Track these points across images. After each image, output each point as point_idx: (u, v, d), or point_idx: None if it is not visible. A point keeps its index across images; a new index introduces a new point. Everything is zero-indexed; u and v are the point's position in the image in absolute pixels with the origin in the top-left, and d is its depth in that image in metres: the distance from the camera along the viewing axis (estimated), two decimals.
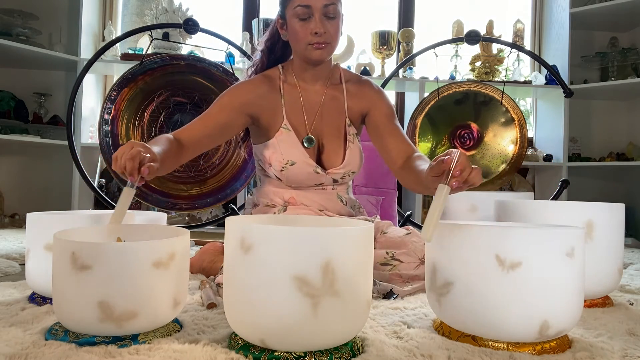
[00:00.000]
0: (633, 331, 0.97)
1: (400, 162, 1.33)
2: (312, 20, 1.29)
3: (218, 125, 1.34)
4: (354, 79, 1.49)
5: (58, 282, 0.82)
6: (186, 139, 1.28)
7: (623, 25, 3.28)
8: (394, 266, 1.29)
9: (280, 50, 1.48)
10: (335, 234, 0.74)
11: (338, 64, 1.50)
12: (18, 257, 1.72)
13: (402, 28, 3.32)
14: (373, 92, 1.47)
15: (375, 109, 1.44)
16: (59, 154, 2.95)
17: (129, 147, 0.97)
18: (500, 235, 0.82)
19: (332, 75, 1.46)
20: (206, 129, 1.32)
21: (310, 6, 1.28)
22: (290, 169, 1.37)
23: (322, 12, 1.29)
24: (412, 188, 1.30)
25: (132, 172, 0.95)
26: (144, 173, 0.95)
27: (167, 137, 1.23)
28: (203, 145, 1.34)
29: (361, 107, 1.46)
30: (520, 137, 2.60)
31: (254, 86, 1.40)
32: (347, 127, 1.44)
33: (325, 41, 1.31)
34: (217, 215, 2.83)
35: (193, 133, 1.30)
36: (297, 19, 1.30)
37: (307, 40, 1.31)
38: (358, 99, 1.45)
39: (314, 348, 0.76)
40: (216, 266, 1.44)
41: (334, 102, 1.44)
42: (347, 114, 1.44)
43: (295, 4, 1.29)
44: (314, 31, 1.29)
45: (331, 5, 1.29)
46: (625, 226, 1.41)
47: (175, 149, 1.22)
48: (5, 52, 2.78)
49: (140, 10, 3.14)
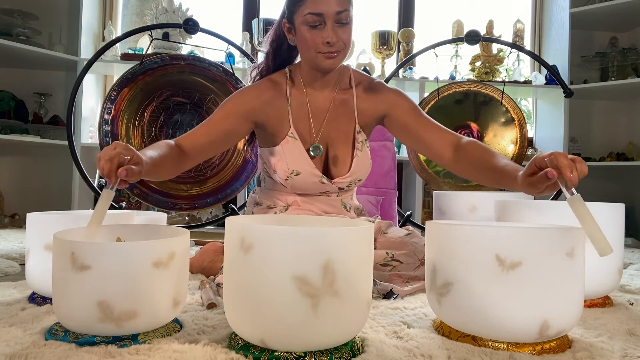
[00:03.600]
0: (633, 331, 0.97)
1: (450, 154, 1.26)
2: (324, 29, 1.22)
3: (222, 132, 1.29)
4: (366, 81, 1.42)
5: (58, 282, 0.82)
6: (189, 145, 1.24)
7: (623, 25, 3.28)
8: (394, 267, 1.29)
9: (286, 52, 1.41)
10: (335, 234, 0.74)
11: (348, 65, 1.44)
12: (18, 257, 1.72)
13: (402, 28, 3.32)
14: (388, 93, 1.40)
15: (396, 108, 1.37)
16: (59, 154, 2.95)
17: (111, 147, 0.93)
18: (500, 235, 0.82)
19: (342, 79, 1.40)
20: (210, 135, 1.28)
21: (322, 14, 1.21)
22: (295, 179, 1.34)
23: (334, 20, 1.22)
24: (479, 180, 1.21)
25: (110, 174, 0.91)
26: (121, 175, 0.91)
27: (167, 143, 1.19)
28: (207, 151, 1.30)
29: (376, 111, 1.39)
30: (520, 137, 2.60)
31: (260, 92, 1.35)
32: (357, 134, 1.38)
33: (338, 50, 1.25)
34: (217, 215, 2.83)
35: (196, 140, 1.26)
36: (308, 26, 1.23)
37: (317, 49, 1.25)
38: (371, 102, 1.39)
39: (314, 348, 0.75)
40: (216, 266, 1.44)
41: (342, 107, 1.38)
42: (357, 120, 1.39)
43: (306, 11, 1.22)
44: (326, 40, 1.22)
45: (344, 12, 1.22)
46: (625, 226, 1.40)
47: (175, 154, 1.19)
48: (5, 52, 2.78)
49: (140, 10, 3.14)
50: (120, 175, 0.91)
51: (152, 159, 1.06)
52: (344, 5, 1.22)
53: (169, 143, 1.20)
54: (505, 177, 1.07)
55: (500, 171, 1.10)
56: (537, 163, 0.93)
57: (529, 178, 0.96)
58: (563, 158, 0.87)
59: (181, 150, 1.22)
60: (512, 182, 1.03)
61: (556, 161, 0.88)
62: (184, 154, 1.23)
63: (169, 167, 1.17)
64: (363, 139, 1.40)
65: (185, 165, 1.25)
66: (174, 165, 1.20)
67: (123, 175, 0.91)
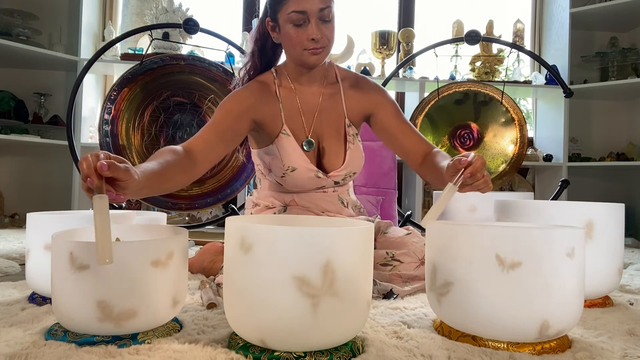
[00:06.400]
0: (633, 331, 0.96)
1: (420, 160, 1.36)
2: (307, 26, 1.24)
3: (228, 129, 1.26)
4: (351, 77, 1.46)
5: (57, 282, 0.82)
6: (199, 147, 1.18)
7: (623, 25, 3.28)
8: (394, 267, 1.29)
9: (271, 50, 1.43)
10: (335, 234, 0.74)
11: (332, 62, 1.47)
12: (18, 257, 1.72)
13: (402, 28, 3.32)
14: (374, 92, 1.43)
15: (380, 110, 1.41)
16: (59, 154, 2.95)
17: (93, 155, 0.78)
18: (500, 235, 0.82)
19: (328, 75, 1.43)
20: (218, 134, 1.23)
21: (306, 11, 1.23)
22: (291, 175, 1.35)
23: (317, 17, 1.24)
24: (433, 184, 1.32)
25: (89, 172, 0.75)
26: (102, 169, 0.75)
27: (171, 149, 1.10)
28: (218, 152, 1.24)
29: (362, 108, 1.43)
30: (520, 137, 2.60)
31: (252, 92, 1.36)
32: (347, 128, 1.41)
33: (322, 45, 1.28)
34: (217, 215, 2.83)
35: (205, 140, 1.21)
36: (292, 25, 1.25)
37: (303, 46, 1.27)
38: (358, 99, 1.42)
39: (314, 348, 0.75)
40: (216, 266, 1.44)
41: (331, 102, 1.41)
42: (347, 114, 1.42)
43: (290, 9, 1.24)
44: (310, 37, 1.25)
45: (326, 8, 1.24)
46: (625, 226, 1.41)
47: (184, 159, 1.11)
48: (5, 52, 2.78)
49: (140, 10, 3.14)
50: (102, 169, 0.75)
51: (152, 169, 0.96)
52: (326, 3, 1.25)
53: (174, 148, 1.12)
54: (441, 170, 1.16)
55: (440, 168, 1.18)
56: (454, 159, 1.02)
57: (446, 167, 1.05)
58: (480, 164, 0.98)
59: (190, 154, 1.15)
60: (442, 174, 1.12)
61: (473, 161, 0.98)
62: (194, 158, 1.16)
63: (179, 174, 1.09)
64: (354, 132, 1.43)
65: (197, 170, 1.16)
66: (184, 171, 1.11)
67: (105, 169, 0.75)
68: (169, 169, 1.03)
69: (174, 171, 1.06)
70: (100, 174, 0.76)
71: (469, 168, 0.97)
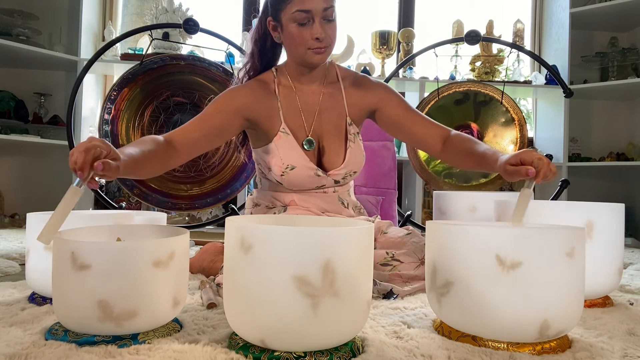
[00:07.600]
0: (633, 331, 0.96)
1: (440, 146, 1.37)
2: (312, 25, 1.26)
3: (214, 126, 1.29)
4: (351, 76, 1.47)
5: (57, 282, 0.82)
6: (180, 140, 1.22)
7: (623, 25, 3.28)
8: (394, 266, 1.29)
9: (270, 50, 1.44)
10: (335, 234, 0.74)
11: (332, 61, 1.48)
12: (18, 257, 1.72)
13: (402, 28, 3.32)
14: (376, 88, 1.44)
15: (386, 104, 1.42)
16: (59, 154, 2.95)
17: (87, 141, 0.84)
18: (500, 235, 0.82)
19: (329, 74, 1.44)
20: (202, 129, 1.27)
21: (310, 11, 1.25)
22: (291, 173, 1.35)
23: (321, 16, 1.26)
24: (470, 169, 1.34)
25: (83, 167, 0.80)
26: (97, 168, 0.81)
27: (153, 138, 1.15)
28: (198, 147, 1.28)
29: (365, 105, 1.43)
30: (520, 137, 2.60)
31: (250, 90, 1.37)
32: (348, 126, 1.42)
33: (326, 45, 1.29)
34: (217, 215, 2.83)
35: (188, 134, 1.25)
36: (296, 24, 1.27)
37: (307, 45, 1.28)
38: (360, 97, 1.43)
39: (314, 348, 0.75)
40: (216, 266, 1.44)
41: (332, 101, 1.42)
42: (348, 113, 1.42)
43: (294, 8, 1.25)
44: (315, 36, 1.26)
45: (330, 8, 1.26)
46: (625, 226, 1.41)
47: (162, 150, 1.15)
48: (5, 52, 2.78)
49: (140, 10, 3.14)
50: (97, 169, 0.81)
51: (132, 156, 1.00)
52: (329, 2, 1.27)
53: (156, 138, 1.16)
54: (485, 161, 1.21)
55: (481, 156, 1.24)
56: (523, 159, 1.06)
57: (508, 166, 1.09)
58: (547, 165, 1.03)
59: (170, 145, 1.20)
60: (491, 165, 1.18)
61: (541, 166, 1.03)
62: (174, 150, 1.20)
63: (155, 163, 1.13)
64: (355, 131, 1.43)
65: (174, 161, 1.22)
66: (161, 162, 1.16)
67: (100, 169, 0.81)
68: (147, 158, 1.07)
69: (151, 161, 1.10)
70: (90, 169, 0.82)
71: (541, 175, 1.02)
